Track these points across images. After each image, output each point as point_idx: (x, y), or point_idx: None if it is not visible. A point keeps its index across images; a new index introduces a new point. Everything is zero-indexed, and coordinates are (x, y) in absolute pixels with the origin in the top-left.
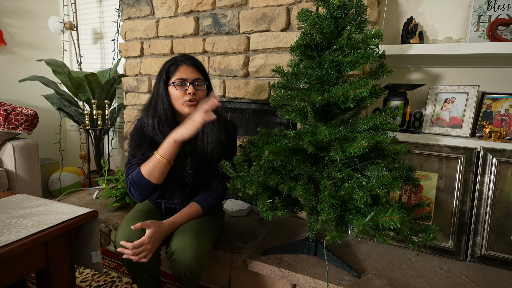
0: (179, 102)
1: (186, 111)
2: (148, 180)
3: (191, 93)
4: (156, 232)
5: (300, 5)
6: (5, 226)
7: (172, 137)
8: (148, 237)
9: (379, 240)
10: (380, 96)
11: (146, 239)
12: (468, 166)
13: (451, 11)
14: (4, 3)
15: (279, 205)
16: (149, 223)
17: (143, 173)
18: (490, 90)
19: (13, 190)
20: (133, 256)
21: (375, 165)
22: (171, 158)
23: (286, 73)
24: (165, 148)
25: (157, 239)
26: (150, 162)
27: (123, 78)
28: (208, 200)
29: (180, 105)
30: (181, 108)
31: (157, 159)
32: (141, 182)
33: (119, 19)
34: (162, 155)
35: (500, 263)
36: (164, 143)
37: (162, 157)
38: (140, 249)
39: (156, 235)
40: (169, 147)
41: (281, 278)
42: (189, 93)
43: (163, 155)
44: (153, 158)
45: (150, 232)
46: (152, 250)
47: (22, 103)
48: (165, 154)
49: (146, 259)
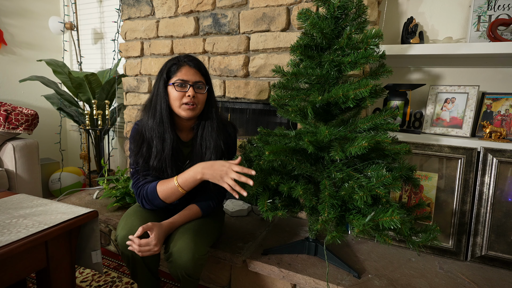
0: (176, 103)
1: (182, 114)
2: (162, 201)
3: (190, 95)
4: (159, 233)
5: (300, 5)
6: (5, 226)
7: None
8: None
9: (379, 240)
10: (380, 96)
11: (153, 240)
12: (468, 166)
13: (451, 11)
14: (4, 3)
15: (279, 205)
16: (151, 226)
17: (159, 194)
18: (491, 90)
19: (13, 190)
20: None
21: (375, 165)
22: (190, 189)
23: (286, 73)
24: (187, 181)
25: (160, 240)
26: (168, 186)
27: (123, 78)
28: (208, 202)
29: (177, 107)
30: (178, 110)
31: (175, 187)
32: (155, 200)
33: (119, 19)
34: (182, 186)
35: (500, 263)
36: (189, 174)
37: (181, 187)
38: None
39: (160, 236)
40: (191, 182)
41: (281, 278)
42: (188, 96)
43: (183, 186)
44: (172, 184)
45: (155, 234)
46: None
47: (22, 103)
48: (185, 186)
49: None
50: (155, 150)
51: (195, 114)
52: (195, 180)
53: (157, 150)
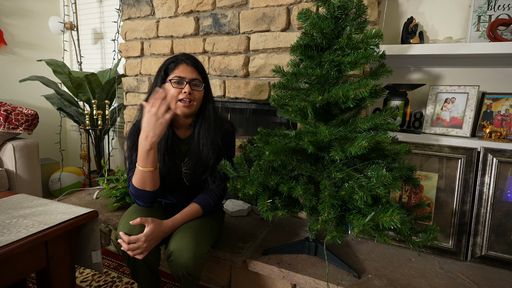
0: (173, 100)
1: (177, 111)
2: (143, 190)
3: (187, 92)
4: (154, 230)
5: (300, 5)
6: (6, 226)
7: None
8: (145, 235)
9: (379, 240)
10: (380, 96)
11: (142, 236)
12: (469, 166)
13: (451, 11)
14: (4, 3)
15: (279, 205)
16: (149, 220)
17: (136, 185)
18: (491, 90)
19: (13, 190)
20: (129, 251)
21: (375, 165)
22: (153, 165)
23: (286, 73)
24: (141, 159)
25: (154, 238)
26: (136, 175)
27: (123, 78)
28: (208, 201)
29: (173, 104)
30: (174, 107)
31: (140, 171)
32: (138, 193)
33: (120, 19)
34: (142, 166)
35: (500, 263)
36: (139, 153)
37: (143, 167)
38: (136, 245)
39: (154, 234)
40: (144, 155)
41: (281, 278)
42: (184, 92)
43: (142, 166)
44: (137, 171)
45: (147, 230)
46: (147, 249)
47: (22, 103)
48: (142, 163)
49: (141, 256)
50: None
51: (191, 112)
52: (145, 151)
53: None
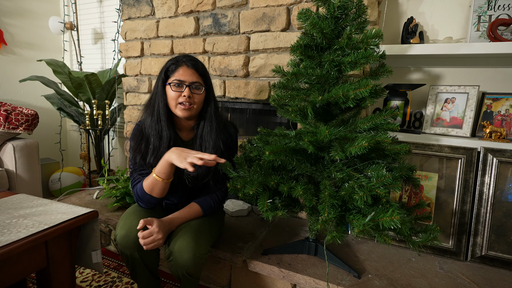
0: (173, 103)
1: (178, 113)
2: (150, 195)
3: (186, 95)
4: (161, 224)
5: (300, 5)
6: (6, 226)
7: (165, 159)
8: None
9: (380, 240)
10: (380, 96)
11: (155, 227)
12: (469, 166)
13: (451, 11)
14: (4, 3)
15: (279, 205)
16: (151, 220)
17: (145, 189)
18: (491, 90)
19: (13, 190)
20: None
21: (375, 165)
22: (167, 176)
23: (286, 73)
24: (160, 168)
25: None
26: (149, 179)
27: (123, 78)
28: (209, 202)
29: (173, 106)
30: (174, 110)
31: (154, 178)
32: (145, 196)
33: (120, 19)
34: (158, 174)
35: (500, 263)
36: (160, 162)
37: (158, 176)
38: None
39: (162, 226)
40: (163, 167)
41: (281, 278)
42: (184, 96)
43: (159, 174)
44: (151, 176)
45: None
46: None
47: (22, 103)
48: (160, 173)
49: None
50: (152, 147)
51: (191, 114)
52: (166, 164)
53: (154, 146)
